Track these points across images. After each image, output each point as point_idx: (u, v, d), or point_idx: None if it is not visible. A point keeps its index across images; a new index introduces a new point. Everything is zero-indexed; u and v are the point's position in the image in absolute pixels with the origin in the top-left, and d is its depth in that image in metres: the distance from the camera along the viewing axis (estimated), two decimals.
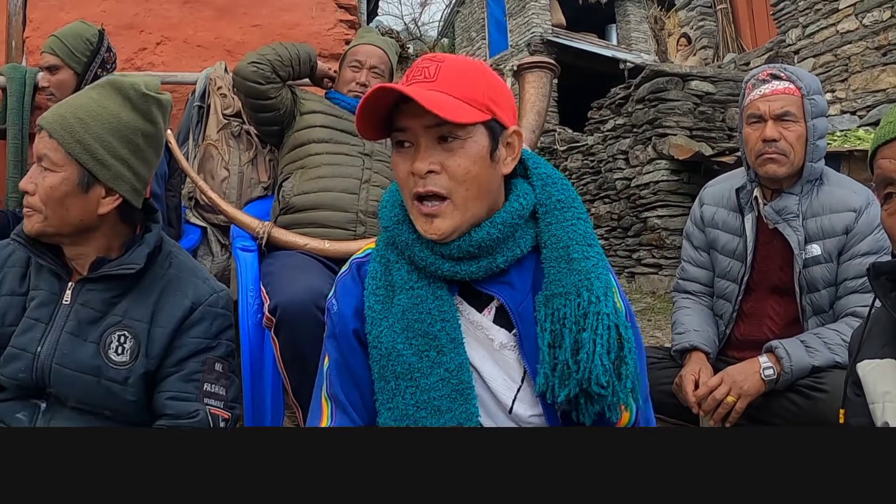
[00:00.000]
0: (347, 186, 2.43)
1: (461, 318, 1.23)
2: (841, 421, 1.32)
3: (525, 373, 1.23)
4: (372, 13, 6.48)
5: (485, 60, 16.73)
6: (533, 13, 15.59)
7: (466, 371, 1.19)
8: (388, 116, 1.21)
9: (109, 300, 1.51)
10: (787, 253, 1.98)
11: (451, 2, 19.86)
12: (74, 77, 2.64)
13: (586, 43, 15.57)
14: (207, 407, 1.49)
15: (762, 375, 1.84)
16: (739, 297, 2.09)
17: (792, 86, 1.96)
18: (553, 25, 15.65)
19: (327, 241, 2.30)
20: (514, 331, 1.23)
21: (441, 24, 19.95)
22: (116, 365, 1.47)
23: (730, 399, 1.84)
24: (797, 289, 1.98)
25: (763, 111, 1.96)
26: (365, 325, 1.24)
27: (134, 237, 1.57)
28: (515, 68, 2.95)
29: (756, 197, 2.04)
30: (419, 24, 20.10)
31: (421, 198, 1.19)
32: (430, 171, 1.17)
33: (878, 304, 1.32)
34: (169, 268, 1.58)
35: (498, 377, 1.23)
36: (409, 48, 11.84)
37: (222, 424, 1.50)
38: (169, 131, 2.58)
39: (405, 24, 19.54)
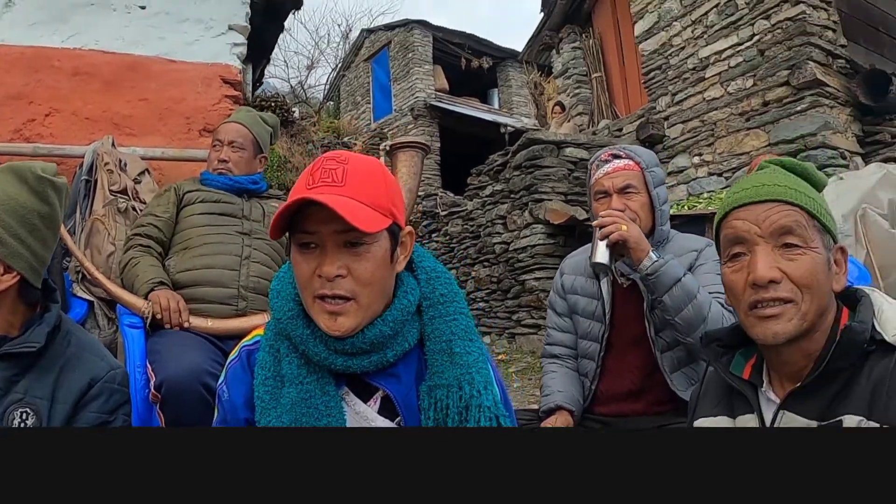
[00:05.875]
0: (228, 263, 2.51)
1: (347, 409, 1.27)
2: None
3: None
4: (258, 81, 6.56)
5: (369, 124, 16.97)
6: (417, 78, 15.93)
7: None
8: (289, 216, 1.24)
9: (11, 378, 1.52)
10: (642, 303, 2.15)
11: (336, 66, 20.11)
12: None
13: (468, 107, 16.05)
14: None
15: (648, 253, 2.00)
16: (602, 354, 2.24)
17: (631, 162, 2.19)
18: (436, 90, 16.08)
19: (210, 319, 2.38)
20: (398, 419, 1.29)
21: (327, 87, 20.12)
22: None
23: (623, 227, 2.00)
24: (650, 330, 2.14)
25: (607, 187, 2.17)
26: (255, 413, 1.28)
27: (33, 317, 1.60)
28: (388, 148, 3.10)
29: None
30: (305, 87, 20.17)
31: (324, 296, 1.23)
32: (338, 276, 1.21)
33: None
34: (68, 346, 1.61)
35: None
36: (294, 111, 11.94)
37: None
38: None
39: (291, 87, 19.52)
